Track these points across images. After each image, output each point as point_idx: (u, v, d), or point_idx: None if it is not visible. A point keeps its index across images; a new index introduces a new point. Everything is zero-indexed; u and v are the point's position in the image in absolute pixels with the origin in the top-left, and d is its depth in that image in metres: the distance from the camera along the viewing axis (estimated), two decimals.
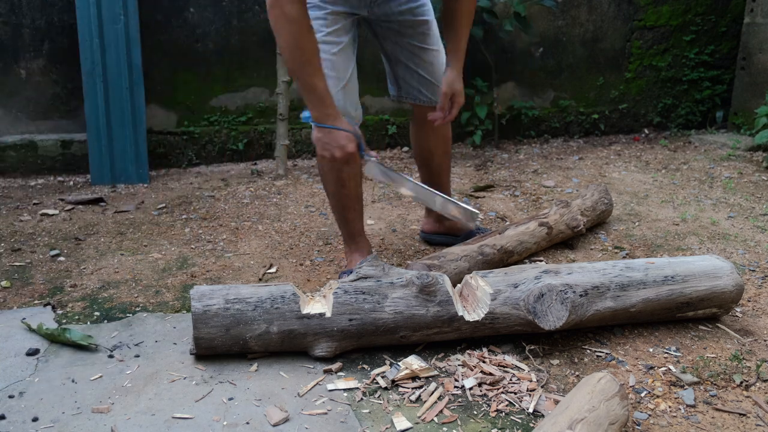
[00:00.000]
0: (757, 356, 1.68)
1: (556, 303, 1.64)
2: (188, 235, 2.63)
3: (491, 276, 1.71)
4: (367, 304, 1.64)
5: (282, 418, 1.40)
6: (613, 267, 1.78)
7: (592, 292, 1.69)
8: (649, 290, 1.75)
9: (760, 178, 3.34)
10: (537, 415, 1.43)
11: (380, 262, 1.71)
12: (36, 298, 2.04)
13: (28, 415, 1.43)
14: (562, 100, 4.40)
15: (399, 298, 1.65)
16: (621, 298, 1.73)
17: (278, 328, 1.62)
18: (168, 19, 3.61)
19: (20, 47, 3.44)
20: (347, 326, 1.63)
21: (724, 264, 1.83)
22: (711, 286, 1.78)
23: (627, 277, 1.75)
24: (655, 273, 1.78)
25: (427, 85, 2.15)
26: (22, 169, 3.51)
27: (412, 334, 1.67)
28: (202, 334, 1.61)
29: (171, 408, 1.46)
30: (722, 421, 1.42)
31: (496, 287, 1.67)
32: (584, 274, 1.73)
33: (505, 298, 1.66)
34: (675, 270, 1.79)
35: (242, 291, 1.65)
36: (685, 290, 1.77)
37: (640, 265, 1.79)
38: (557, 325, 1.63)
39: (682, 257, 1.90)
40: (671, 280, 1.77)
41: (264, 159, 3.88)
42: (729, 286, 1.79)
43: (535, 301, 1.64)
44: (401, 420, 1.40)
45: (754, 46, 4.18)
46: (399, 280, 1.68)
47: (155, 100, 3.66)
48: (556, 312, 1.64)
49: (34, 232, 2.66)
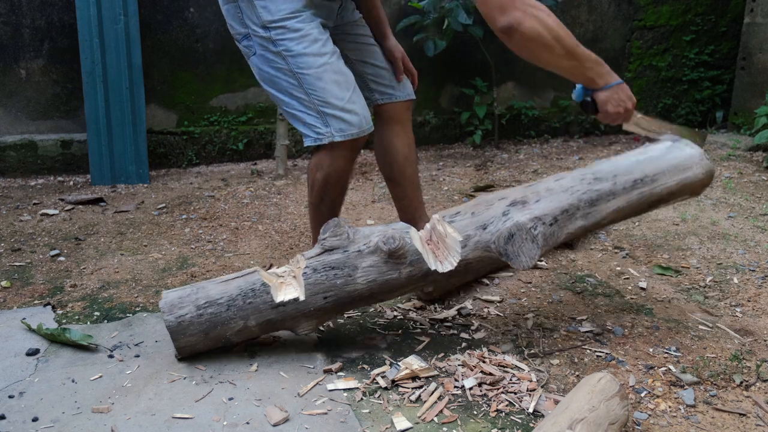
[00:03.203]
0: (757, 356, 1.68)
1: (527, 242, 1.59)
2: (188, 235, 2.63)
3: (459, 220, 1.65)
4: (339, 280, 1.60)
5: (282, 418, 1.40)
6: (581, 182, 1.70)
7: (561, 217, 1.64)
8: (619, 199, 1.70)
9: (760, 178, 3.34)
10: (537, 415, 1.43)
11: (343, 229, 1.64)
12: (36, 298, 2.04)
13: (28, 415, 1.43)
14: (562, 100, 4.40)
15: (370, 267, 1.61)
16: (591, 214, 1.68)
17: (256, 321, 1.61)
18: (168, 19, 3.61)
19: (20, 47, 3.44)
20: (323, 304, 1.61)
21: (693, 151, 1.76)
22: (681, 179, 1.73)
23: (596, 191, 1.68)
24: (623, 179, 1.71)
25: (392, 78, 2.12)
26: (22, 169, 3.51)
27: (388, 296, 1.67)
28: (183, 344, 1.61)
29: (171, 408, 1.45)
30: (722, 421, 1.42)
31: (465, 232, 1.62)
32: (552, 198, 1.65)
33: (476, 243, 1.61)
34: (644, 171, 1.72)
35: (211, 292, 1.62)
36: (655, 190, 1.72)
37: (607, 174, 1.72)
38: (530, 264, 1.59)
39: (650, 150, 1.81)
40: (640, 182, 1.71)
41: (264, 159, 3.88)
42: (699, 175, 1.74)
43: (505, 243, 1.59)
44: (401, 420, 1.40)
45: (754, 46, 4.18)
46: (366, 247, 1.62)
47: (155, 100, 3.66)
48: (528, 251, 1.59)
49: (34, 232, 2.66)
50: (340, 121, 1.85)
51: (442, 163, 3.75)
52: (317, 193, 1.97)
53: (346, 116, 1.85)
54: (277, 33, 1.82)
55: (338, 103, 1.84)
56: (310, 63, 1.83)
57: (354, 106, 1.86)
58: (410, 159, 2.20)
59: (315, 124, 1.86)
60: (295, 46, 1.82)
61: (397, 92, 2.13)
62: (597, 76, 1.73)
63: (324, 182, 1.94)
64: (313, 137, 1.88)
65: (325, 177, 1.93)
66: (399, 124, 2.15)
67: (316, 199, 1.98)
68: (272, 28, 1.82)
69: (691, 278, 2.17)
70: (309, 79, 1.83)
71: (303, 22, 1.83)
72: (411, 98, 2.16)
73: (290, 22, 1.82)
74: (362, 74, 2.09)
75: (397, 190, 2.23)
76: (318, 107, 1.85)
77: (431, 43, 3.80)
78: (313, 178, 1.97)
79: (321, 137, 1.86)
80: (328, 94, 1.84)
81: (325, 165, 1.92)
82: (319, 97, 1.84)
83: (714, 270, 2.23)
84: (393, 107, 2.13)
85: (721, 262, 2.30)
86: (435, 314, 1.91)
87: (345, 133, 1.85)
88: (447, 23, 3.73)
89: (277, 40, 1.83)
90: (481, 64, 4.06)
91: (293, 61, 1.83)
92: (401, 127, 2.15)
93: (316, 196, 1.98)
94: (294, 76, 1.85)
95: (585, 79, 1.75)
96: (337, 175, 1.94)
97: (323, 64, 1.84)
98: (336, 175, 1.93)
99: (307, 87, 1.84)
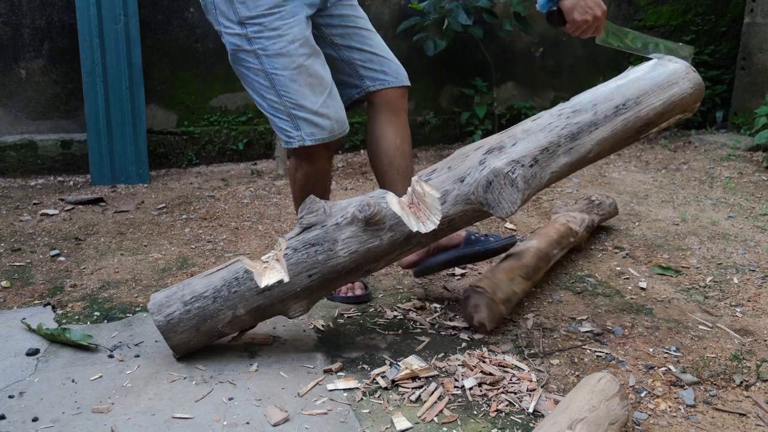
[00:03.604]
0: (757, 356, 1.68)
1: (506, 187, 1.54)
2: (188, 235, 2.63)
3: (435, 177, 1.61)
4: (320, 255, 1.59)
5: (282, 418, 1.40)
6: (559, 117, 1.63)
7: (541, 156, 1.57)
8: (602, 129, 1.61)
9: (760, 178, 3.34)
10: (537, 415, 1.43)
11: (319, 204, 1.62)
12: (36, 298, 2.04)
13: (28, 415, 1.43)
14: (562, 100, 4.40)
15: (349, 238, 1.59)
16: (574, 149, 1.61)
17: (245, 309, 1.61)
18: (168, 19, 3.61)
19: (20, 47, 3.44)
20: (309, 283, 1.60)
21: (677, 66, 1.67)
22: (668, 97, 1.64)
23: (575, 124, 1.61)
24: (604, 107, 1.62)
25: (386, 63, 2.00)
26: (22, 169, 3.51)
27: (375, 265, 1.64)
28: (175, 342, 1.61)
29: (171, 408, 1.45)
30: (722, 421, 1.42)
31: (443, 188, 1.59)
32: (530, 139, 1.59)
33: (455, 197, 1.58)
34: (625, 95, 1.63)
35: (196, 287, 1.62)
36: (640, 113, 1.62)
37: (586, 104, 1.64)
38: (514, 210, 1.55)
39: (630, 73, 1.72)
40: (623, 107, 1.62)
41: (264, 159, 3.88)
42: (688, 90, 1.64)
43: (484, 192, 1.55)
44: (401, 420, 1.40)
45: (754, 46, 4.18)
46: (343, 219, 1.60)
47: (155, 100, 3.66)
48: (509, 196, 1.54)
49: (34, 232, 2.66)
50: (311, 125, 1.80)
51: None
52: (299, 192, 1.96)
53: (317, 120, 1.80)
54: (254, 31, 1.76)
55: (311, 106, 1.79)
56: (286, 64, 1.76)
57: (327, 110, 1.81)
58: (402, 150, 2.02)
59: (285, 128, 1.83)
60: (271, 45, 1.76)
61: (389, 77, 2.00)
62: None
63: (305, 181, 1.94)
64: (285, 140, 1.85)
65: (305, 176, 1.93)
66: (391, 112, 2.02)
67: (299, 199, 1.97)
68: (249, 25, 1.75)
69: (691, 278, 2.17)
70: (282, 80, 1.77)
71: (282, 19, 1.75)
72: (405, 84, 2.03)
73: (269, 20, 1.75)
74: (351, 60, 1.99)
75: (386, 184, 2.02)
76: (289, 110, 1.80)
77: (431, 43, 3.80)
78: (294, 176, 1.97)
79: (291, 140, 1.83)
80: (301, 97, 1.78)
81: (304, 165, 1.91)
82: (291, 100, 1.79)
83: (714, 270, 2.23)
84: (385, 93, 2.01)
85: (721, 262, 2.30)
86: (435, 314, 1.91)
87: (316, 137, 1.81)
88: (447, 23, 3.73)
89: (252, 38, 1.76)
90: (481, 64, 4.06)
91: (268, 61, 1.77)
92: (394, 115, 2.02)
93: (299, 196, 1.96)
94: (267, 77, 1.79)
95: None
96: (317, 174, 1.93)
97: (299, 66, 1.77)
98: (315, 174, 1.92)
99: (279, 88, 1.79)
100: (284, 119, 1.82)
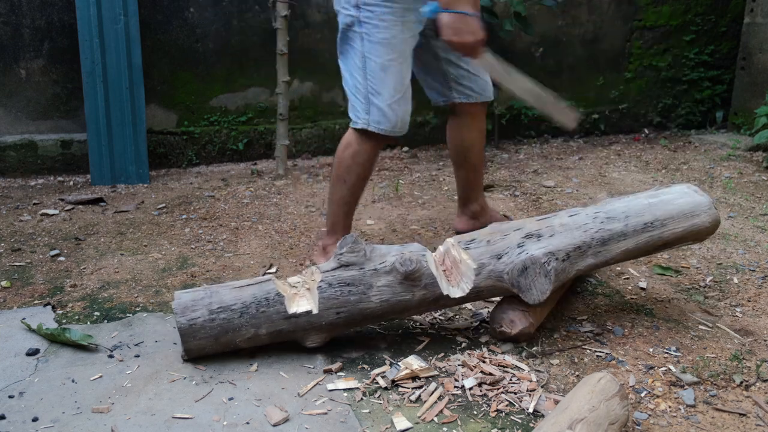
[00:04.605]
0: (757, 356, 1.68)
1: (539, 277, 1.62)
2: (188, 235, 2.63)
3: (474, 247, 1.68)
4: (353, 296, 1.62)
5: (282, 418, 1.40)
6: (594, 220, 1.74)
7: (573, 253, 1.68)
8: (629, 241, 1.74)
9: (760, 178, 3.34)
10: (537, 415, 1.43)
11: (360, 246, 1.66)
12: (36, 298, 2.04)
13: (28, 415, 1.43)
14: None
15: (384, 287, 1.63)
16: (601, 253, 1.72)
17: (267, 330, 1.62)
18: (168, 18, 3.61)
19: (20, 47, 3.44)
20: (335, 319, 1.63)
21: (702, 199, 1.80)
22: (689, 226, 1.76)
23: (608, 231, 1.73)
24: (635, 221, 1.75)
25: (475, 80, 2.25)
26: (22, 169, 3.51)
27: (398, 315, 1.70)
28: (192, 346, 1.61)
29: (171, 408, 1.45)
30: (722, 421, 1.42)
31: (480, 260, 1.65)
32: (566, 234, 1.70)
33: (489, 272, 1.65)
34: (655, 214, 1.76)
35: (225, 298, 1.61)
36: (663, 234, 1.76)
37: (619, 214, 1.76)
38: (541, 299, 1.63)
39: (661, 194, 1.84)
40: (650, 226, 1.75)
41: (264, 159, 3.88)
42: (706, 223, 1.78)
43: (519, 275, 1.63)
44: (401, 420, 1.40)
45: (754, 46, 4.18)
46: (382, 266, 1.63)
47: (155, 100, 3.66)
48: (540, 286, 1.63)
49: (34, 232, 2.66)
50: (381, 114, 1.99)
51: (442, 163, 3.75)
52: (343, 172, 2.10)
53: (388, 112, 1.99)
54: (366, 16, 1.95)
55: (387, 99, 1.98)
56: (382, 53, 1.96)
57: (398, 108, 2.00)
58: (476, 147, 2.35)
59: (358, 108, 2.02)
60: (376, 33, 1.95)
61: (475, 93, 2.26)
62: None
63: (351, 160, 2.08)
64: (353, 119, 2.04)
65: (353, 156, 2.07)
66: (471, 117, 2.30)
67: (336, 177, 2.10)
68: (363, 9, 1.95)
69: (691, 278, 2.17)
70: (373, 66, 1.96)
71: (393, 15, 1.94)
72: (488, 99, 2.31)
73: (381, 10, 1.94)
74: (446, 73, 2.23)
75: (460, 172, 2.42)
76: (368, 94, 1.98)
77: None
78: (341, 157, 2.11)
79: (358, 121, 2.02)
80: (383, 87, 1.97)
81: (354, 145, 2.06)
82: (373, 86, 1.97)
83: (714, 270, 2.23)
84: (468, 106, 2.28)
85: (721, 262, 2.30)
86: (435, 314, 1.91)
87: (380, 127, 2.00)
88: None
89: (363, 22, 1.95)
90: None
91: (368, 45, 1.96)
92: (473, 119, 2.31)
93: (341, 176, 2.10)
94: (362, 59, 1.98)
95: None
96: (365, 156, 2.07)
97: (392, 60, 1.97)
98: (363, 155, 2.07)
99: (368, 72, 1.97)
100: (360, 101, 2.01)
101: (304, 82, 3.89)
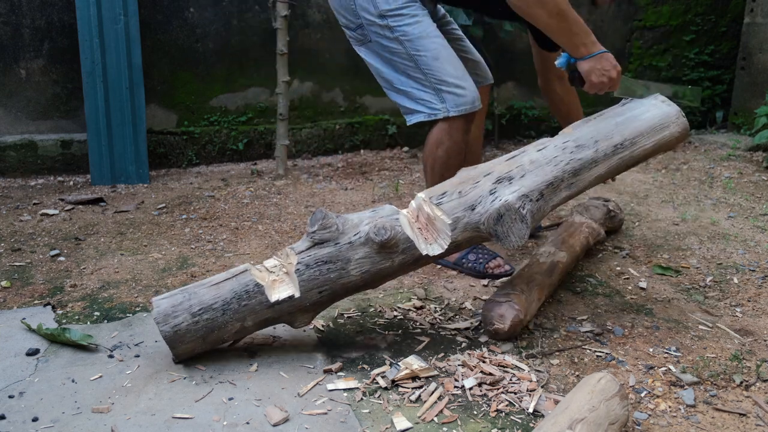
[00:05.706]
0: (757, 356, 1.68)
1: (516, 222, 1.60)
2: (188, 235, 2.63)
3: (446, 201, 1.64)
4: (333, 274, 1.60)
5: (282, 418, 1.40)
6: (563, 151, 1.72)
7: (546, 191, 1.67)
8: (600, 167, 1.73)
9: (760, 178, 3.34)
10: (537, 415, 1.43)
11: (332, 220, 1.61)
12: (36, 298, 2.04)
13: (28, 415, 1.43)
14: None
15: (362, 258, 1.60)
16: (575, 184, 1.72)
17: (253, 321, 1.61)
18: (168, 19, 3.61)
19: (20, 47, 3.44)
20: (319, 298, 1.62)
21: (670, 109, 1.79)
22: (658, 140, 1.76)
23: (578, 160, 1.71)
24: (605, 145, 1.74)
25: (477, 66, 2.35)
26: (22, 169, 3.51)
27: (381, 282, 1.69)
28: (180, 351, 1.60)
29: (171, 408, 1.45)
30: (722, 421, 1.42)
31: (454, 214, 1.62)
32: (537, 172, 1.67)
33: (465, 224, 1.63)
34: (623, 134, 1.75)
35: (204, 298, 1.58)
36: (634, 153, 1.75)
37: (588, 140, 1.74)
38: (521, 243, 1.61)
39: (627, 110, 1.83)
40: (620, 147, 1.74)
41: (264, 159, 3.88)
42: (675, 133, 1.77)
43: (495, 224, 1.60)
44: (401, 420, 1.40)
45: (754, 46, 4.18)
46: (357, 237, 1.60)
47: (155, 100, 3.66)
48: (518, 231, 1.60)
49: (34, 232, 2.66)
50: (455, 96, 2.04)
51: None
52: (439, 169, 2.12)
53: (459, 92, 2.04)
54: (395, 20, 2.02)
55: (453, 80, 2.03)
56: (427, 45, 2.03)
57: (466, 83, 2.06)
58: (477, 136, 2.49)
59: (431, 100, 2.06)
60: (412, 30, 2.02)
61: (479, 78, 2.33)
62: (581, 44, 1.87)
63: (446, 157, 2.10)
64: (427, 113, 2.07)
65: (447, 151, 2.10)
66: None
67: (438, 178, 2.08)
68: (390, 17, 2.02)
69: (691, 278, 2.17)
70: (425, 60, 2.03)
71: (417, 10, 2.04)
72: (490, 83, 2.44)
73: (408, 10, 2.03)
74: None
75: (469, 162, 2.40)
76: (434, 85, 2.04)
77: None
78: (434, 156, 2.13)
79: (437, 112, 2.06)
80: (444, 73, 2.03)
81: (445, 140, 2.09)
82: (435, 76, 2.03)
83: (714, 270, 2.23)
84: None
85: (721, 262, 2.30)
86: (435, 314, 1.91)
87: (460, 108, 2.04)
88: None
89: (394, 27, 2.03)
90: None
91: (410, 45, 2.03)
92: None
93: (438, 173, 2.11)
94: (411, 59, 2.04)
95: (570, 45, 1.89)
96: (457, 148, 2.10)
97: (438, 47, 2.04)
98: (456, 148, 2.10)
99: (423, 67, 2.03)
100: (431, 93, 2.06)
101: (304, 82, 3.89)
